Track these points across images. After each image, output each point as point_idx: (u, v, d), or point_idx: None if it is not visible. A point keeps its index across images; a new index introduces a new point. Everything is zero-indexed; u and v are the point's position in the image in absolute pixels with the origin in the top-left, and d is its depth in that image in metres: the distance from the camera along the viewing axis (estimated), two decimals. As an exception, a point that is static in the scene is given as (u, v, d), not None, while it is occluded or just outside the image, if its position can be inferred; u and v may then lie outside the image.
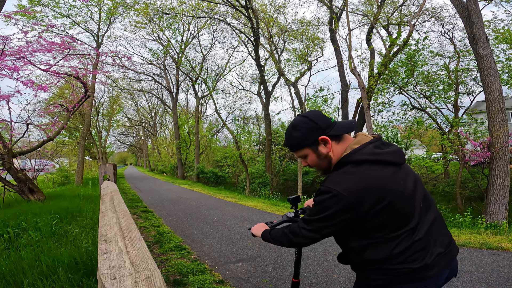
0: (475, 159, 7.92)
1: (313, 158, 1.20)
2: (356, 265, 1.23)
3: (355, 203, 1.02)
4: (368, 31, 13.46)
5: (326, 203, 1.06)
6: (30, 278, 2.59)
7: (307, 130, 1.16)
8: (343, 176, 1.07)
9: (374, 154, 1.09)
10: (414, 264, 1.07)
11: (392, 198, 1.05)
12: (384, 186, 1.05)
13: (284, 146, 1.24)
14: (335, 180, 1.07)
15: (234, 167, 19.05)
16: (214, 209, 7.81)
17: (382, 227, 1.07)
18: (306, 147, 1.19)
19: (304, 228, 1.16)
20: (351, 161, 1.10)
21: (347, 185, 1.03)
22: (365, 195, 1.02)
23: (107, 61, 14.47)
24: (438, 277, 1.12)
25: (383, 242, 1.09)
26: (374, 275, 1.14)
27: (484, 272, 3.21)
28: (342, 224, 1.08)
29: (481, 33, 6.62)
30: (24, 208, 5.72)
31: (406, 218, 1.08)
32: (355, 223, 1.07)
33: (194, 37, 20.84)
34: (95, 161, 30.14)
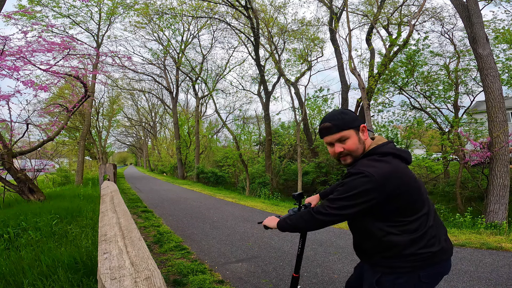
0: (475, 159, 7.92)
1: (354, 141, 1.30)
2: (376, 256, 1.29)
3: (382, 184, 1.15)
4: (368, 31, 13.47)
5: (356, 182, 1.18)
6: (30, 278, 2.59)
7: (354, 116, 1.32)
8: (372, 162, 1.23)
9: (396, 149, 1.28)
10: (433, 248, 1.22)
11: (410, 185, 1.21)
12: (404, 174, 1.21)
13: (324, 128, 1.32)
14: (365, 165, 1.22)
15: (234, 167, 19.06)
16: (214, 209, 7.81)
17: (402, 210, 1.21)
18: (352, 129, 1.29)
19: (329, 207, 1.24)
20: (378, 152, 1.27)
21: (376, 169, 1.18)
22: (390, 178, 1.17)
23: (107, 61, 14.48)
24: (449, 260, 1.28)
25: (404, 225, 1.22)
26: (398, 263, 1.23)
27: (484, 272, 3.21)
28: (366, 204, 1.18)
29: (481, 33, 6.62)
30: (24, 208, 5.72)
31: (420, 204, 1.24)
32: (379, 205, 1.19)
33: (194, 37, 20.86)
34: (95, 161, 30.14)
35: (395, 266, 1.23)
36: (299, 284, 1.87)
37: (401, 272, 1.23)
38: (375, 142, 1.32)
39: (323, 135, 1.34)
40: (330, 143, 1.33)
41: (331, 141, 1.31)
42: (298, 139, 13.40)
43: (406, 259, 1.21)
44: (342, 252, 3.99)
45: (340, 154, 1.32)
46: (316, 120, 16.60)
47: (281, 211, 7.50)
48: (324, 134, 1.33)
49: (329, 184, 13.97)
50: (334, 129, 1.29)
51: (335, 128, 1.29)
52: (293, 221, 1.41)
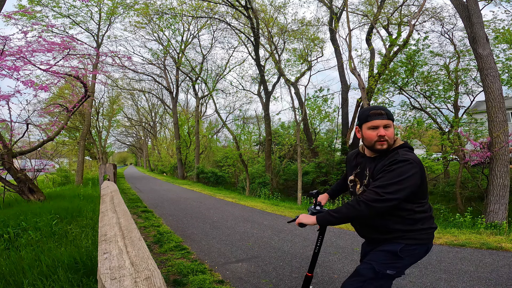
0: (475, 159, 7.92)
1: (393, 131, 1.55)
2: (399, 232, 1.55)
3: (421, 169, 1.45)
4: (368, 31, 13.47)
5: (405, 168, 1.41)
6: (30, 278, 2.59)
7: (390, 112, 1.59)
8: (410, 153, 1.50)
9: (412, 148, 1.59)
10: (434, 224, 1.60)
11: (425, 175, 1.52)
12: (423, 166, 1.50)
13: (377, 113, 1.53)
14: (407, 155, 1.46)
15: (234, 167, 19.06)
16: (214, 209, 7.81)
17: (423, 193, 1.53)
18: (393, 121, 1.57)
19: (383, 192, 1.40)
20: (407, 146, 1.56)
21: (415, 158, 1.46)
22: (422, 167, 1.46)
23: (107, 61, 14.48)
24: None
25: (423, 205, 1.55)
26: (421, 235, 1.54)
27: (484, 272, 3.21)
28: (413, 187, 1.43)
29: (481, 33, 6.62)
30: (24, 208, 5.72)
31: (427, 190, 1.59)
32: (418, 186, 1.45)
33: (194, 37, 20.85)
34: (95, 161, 30.14)
35: (418, 238, 1.53)
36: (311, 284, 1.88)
37: (421, 243, 1.54)
38: (399, 140, 1.59)
39: (373, 117, 1.52)
40: (374, 127, 1.52)
41: (379, 124, 1.51)
42: (298, 139, 13.40)
43: (426, 231, 1.54)
44: (342, 252, 3.99)
45: (381, 138, 1.51)
46: (316, 120, 16.59)
47: (281, 211, 7.50)
48: (374, 118, 1.52)
49: (329, 184, 13.95)
50: (386, 116, 1.52)
51: (387, 115, 1.52)
52: (343, 212, 1.51)
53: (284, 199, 12.69)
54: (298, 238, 4.73)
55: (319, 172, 15.32)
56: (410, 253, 1.54)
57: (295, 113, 14.46)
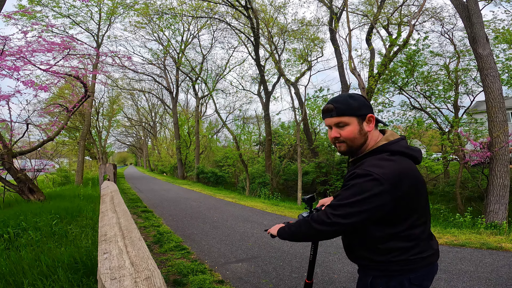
0: (475, 159, 7.92)
1: (354, 129, 1.18)
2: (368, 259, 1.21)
3: (393, 187, 1.05)
4: (368, 31, 13.46)
5: (364, 186, 1.06)
6: (30, 278, 2.59)
7: (362, 103, 1.20)
8: (382, 162, 1.10)
9: (408, 149, 1.17)
10: (425, 253, 1.17)
11: (419, 189, 1.14)
12: (415, 176, 1.13)
13: (326, 110, 1.22)
14: (374, 165, 1.09)
15: (234, 167, 19.05)
16: (214, 209, 7.81)
17: (408, 215, 1.12)
18: (354, 116, 1.18)
19: (332, 214, 1.11)
20: (388, 150, 1.15)
21: (386, 170, 1.06)
22: (401, 180, 1.07)
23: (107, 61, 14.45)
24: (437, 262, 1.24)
25: (406, 231, 1.13)
26: (391, 266, 1.16)
27: (484, 272, 3.21)
28: (376, 211, 1.07)
29: (481, 33, 6.62)
30: (24, 208, 5.72)
31: (425, 209, 1.18)
32: (388, 209, 1.08)
33: (194, 37, 20.85)
34: (95, 161, 30.14)
35: (387, 270, 1.17)
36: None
37: (392, 275, 1.17)
38: (385, 138, 1.20)
39: (324, 116, 1.25)
40: (329, 126, 1.25)
41: (330, 124, 1.23)
42: (298, 139, 13.40)
43: (398, 263, 1.15)
44: (342, 252, 3.99)
45: (335, 140, 1.23)
46: (316, 120, 16.60)
47: (281, 211, 7.50)
48: (324, 116, 1.24)
49: (329, 184, 13.96)
50: (335, 112, 1.19)
51: (336, 111, 1.19)
52: (292, 230, 1.29)
53: (284, 199, 12.69)
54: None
55: (319, 172, 15.33)
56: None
57: (295, 113, 14.47)
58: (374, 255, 1.18)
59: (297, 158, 13.16)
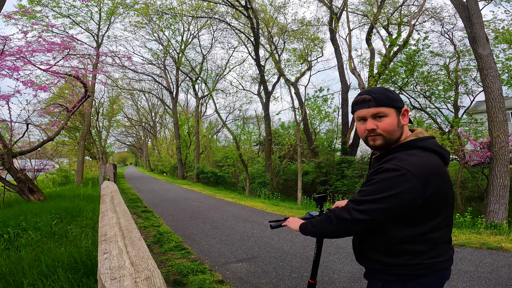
0: (475, 159, 7.92)
1: (393, 121, 1.12)
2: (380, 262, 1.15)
3: (423, 185, 1.00)
4: (368, 31, 13.47)
5: (391, 182, 1.01)
6: (30, 278, 2.59)
7: (398, 96, 1.16)
8: (413, 157, 1.05)
9: (439, 147, 1.12)
10: (441, 257, 1.10)
11: (447, 189, 1.07)
12: (444, 175, 1.07)
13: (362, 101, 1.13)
14: (404, 160, 1.04)
15: (234, 167, 19.05)
16: (214, 209, 7.81)
17: (433, 216, 1.06)
18: (393, 108, 1.12)
19: (354, 209, 1.06)
20: (419, 146, 1.10)
21: (416, 166, 1.01)
22: (431, 179, 1.01)
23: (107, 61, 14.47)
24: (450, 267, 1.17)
25: (427, 234, 1.06)
26: (404, 271, 1.10)
27: (484, 272, 3.21)
28: (400, 209, 1.02)
29: (481, 33, 6.62)
30: (24, 208, 5.72)
31: (450, 212, 1.11)
32: (415, 208, 1.03)
33: (194, 37, 20.86)
34: (95, 161, 30.13)
35: (399, 274, 1.10)
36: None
37: (405, 280, 1.10)
38: (415, 134, 1.15)
39: (357, 107, 1.15)
40: (362, 118, 1.14)
41: (365, 115, 1.13)
42: (298, 139, 13.40)
43: (413, 267, 1.08)
44: (342, 252, 3.99)
45: (370, 132, 1.13)
46: (316, 120, 16.59)
47: (281, 211, 7.50)
48: (358, 107, 1.14)
49: (329, 184, 13.95)
50: (373, 102, 1.10)
51: (375, 101, 1.10)
52: (314, 226, 1.25)
53: (284, 199, 12.69)
54: (298, 238, 4.73)
55: (319, 172, 15.32)
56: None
57: (295, 113, 14.47)
58: (386, 258, 1.12)
59: (297, 158, 13.16)
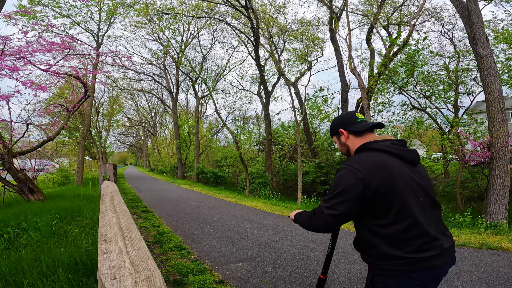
0: (475, 159, 7.92)
1: (338, 144, 1.50)
2: (367, 256, 1.30)
3: (368, 177, 1.16)
4: (368, 31, 13.46)
5: (344, 178, 1.20)
6: (30, 278, 2.59)
7: (335, 123, 1.48)
8: (360, 157, 1.25)
9: (389, 147, 1.26)
10: (425, 253, 1.17)
11: (397, 183, 1.18)
12: (392, 171, 1.19)
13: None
14: (353, 159, 1.25)
15: (234, 167, 19.04)
16: (214, 209, 7.81)
17: (388, 208, 1.17)
18: (334, 135, 1.51)
19: (324, 207, 1.24)
20: (369, 148, 1.29)
21: (363, 163, 1.20)
22: (375, 172, 1.17)
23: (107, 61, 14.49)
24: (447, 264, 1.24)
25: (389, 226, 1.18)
26: (385, 265, 1.20)
27: (484, 272, 3.21)
28: (356, 200, 1.17)
29: (481, 33, 6.62)
30: (24, 208, 5.72)
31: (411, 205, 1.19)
32: (367, 200, 1.17)
33: (194, 37, 20.85)
34: (95, 161, 30.12)
35: (383, 268, 1.21)
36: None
37: (389, 274, 1.20)
38: (378, 138, 1.33)
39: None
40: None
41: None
42: (298, 139, 13.40)
43: (390, 261, 1.18)
44: (342, 252, 3.99)
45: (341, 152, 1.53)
46: (316, 120, 16.60)
47: (281, 211, 7.50)
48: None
49: (329, 184, 13.96)
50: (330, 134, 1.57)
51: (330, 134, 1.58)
52: (300, 219, 1.45)
53: (284, 199, 12.69)
54: (298, 238, 4.73)
55: (319, 172, 15.33)
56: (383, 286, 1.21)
57: (295, 113, 14.46)
58: (373, 251, 1.25)
59: (297, 158, 13.16)
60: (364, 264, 3.54)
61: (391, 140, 1.30)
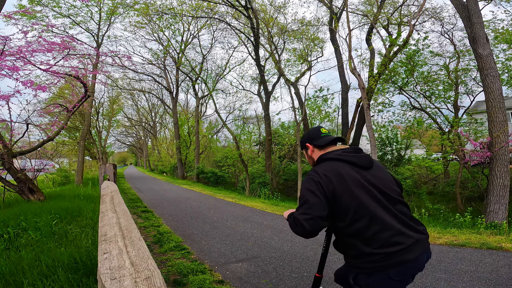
0: (475, 159, 7.92)
1: (306, 156, 1.70)
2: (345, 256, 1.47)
3: (324, 182, 1.34)
4: (368, 31, 13.46)
5: (306, 185, 1.38)
6: (30, 278, 2.59)
7: (303, 139, 1.71)
8: (317, 166, 1.48)
9: (340, 155, 1.46)
10: (392, 248, 1.27)
11: (350, 186, 1.34)
12: (343, 175, 1.36)
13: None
14: (312, 170, 1.47)
15: (234, 167, 19.03)
16: (214, 209, 7.81)
17: (346, 209, 1.33)
18: (302, 149, 1.72)
19: (297, 215, 1.34)
20: (325, 159, 1.50)
21: (318, 170, 1.41)
22: (330, 177, 1.35)
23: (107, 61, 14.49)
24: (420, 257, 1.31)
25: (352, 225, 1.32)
26: (362, 263, 1.32)
27: (484, 272, 3.21)
28: (321, 203, 1.31)
29: (481, 33, 6.62)
30: (24, 208, 5.72)
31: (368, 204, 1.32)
32: (330, 202, 1.34)
33: (194, 37, 20.85)
34: (95, 161, 30.11)
35: (362, 267, 1.32)
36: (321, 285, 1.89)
37: (368, 272, 1.30)
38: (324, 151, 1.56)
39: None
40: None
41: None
42: (298, 139, 13.39)
43: (366, 259, 1.29)
44: (342, 252, 3.99)
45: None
46: (316, 120, 16.58)
47: (281, 211, 7.50)
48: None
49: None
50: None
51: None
52: (289, 221, 1.46)
53: (284, 199, 12.69)
54: (298, 238, 4.72)
55: (319, 172, 15.30)
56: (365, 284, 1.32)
57: (295, 113, 14.46)
58: (348, 252, 1.41)
59: (297, 158, 13.16)
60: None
61: (342, 149, 1.49)
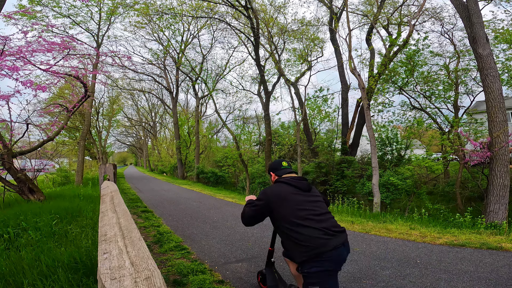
0: (475, 159, 7.92)
1: (270, 178, 2.39)
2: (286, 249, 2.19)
3: (268, 196, 2.05)
4: (368, 31, 13.47)
5: (259, 196, 2.12)
6: (30, 278, 2.59)
7: (269, 168, 2.41)
8: (269, 187, 2.13)
9: (285, 179, 2.13)
10: (315, 241, 1.81)
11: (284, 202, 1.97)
12: (282, 193, 2.02)
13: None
14: (266, 188, 2.12)
15: (234, 167, 19.04)
16: (214, 209, 7.81)
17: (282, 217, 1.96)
18: (268, 173, 2.41)
19: (247, 206, 2.17)
20: (276, 182, 2.19)
21: (267, 190, 2.10)
22: (271, 194, 2.05)
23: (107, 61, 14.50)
24: (334, 251, 1.82)
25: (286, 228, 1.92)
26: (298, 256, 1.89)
27: (484, 272, 3.21)
28: (262, 209, 2.06)
29: (481, 33, 6.62)
30: (24, 208, 5.72)
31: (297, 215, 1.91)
32: (270, 210, 2.03)
33: (194, 37, 20.85)
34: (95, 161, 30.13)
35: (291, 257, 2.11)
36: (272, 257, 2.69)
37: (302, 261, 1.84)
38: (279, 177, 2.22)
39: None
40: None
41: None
42: (298, 139, 13.40)
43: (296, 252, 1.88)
44: (342, 252, 3.99)
45: None
46: (316, 120, 16.60)
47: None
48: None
49: (329, 184, 13.96)
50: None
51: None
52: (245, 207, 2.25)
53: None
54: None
55: (319, 172, 15.31)
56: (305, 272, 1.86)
57: (295, 113, 14.47)
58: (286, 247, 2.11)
59: (297, 158, 13.16)
60: (364, 264, 3.54)
61: (291, 176, 2.15)
